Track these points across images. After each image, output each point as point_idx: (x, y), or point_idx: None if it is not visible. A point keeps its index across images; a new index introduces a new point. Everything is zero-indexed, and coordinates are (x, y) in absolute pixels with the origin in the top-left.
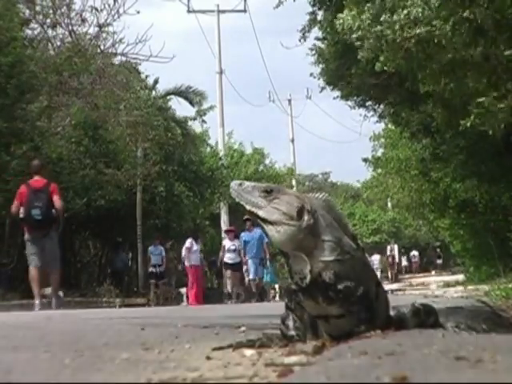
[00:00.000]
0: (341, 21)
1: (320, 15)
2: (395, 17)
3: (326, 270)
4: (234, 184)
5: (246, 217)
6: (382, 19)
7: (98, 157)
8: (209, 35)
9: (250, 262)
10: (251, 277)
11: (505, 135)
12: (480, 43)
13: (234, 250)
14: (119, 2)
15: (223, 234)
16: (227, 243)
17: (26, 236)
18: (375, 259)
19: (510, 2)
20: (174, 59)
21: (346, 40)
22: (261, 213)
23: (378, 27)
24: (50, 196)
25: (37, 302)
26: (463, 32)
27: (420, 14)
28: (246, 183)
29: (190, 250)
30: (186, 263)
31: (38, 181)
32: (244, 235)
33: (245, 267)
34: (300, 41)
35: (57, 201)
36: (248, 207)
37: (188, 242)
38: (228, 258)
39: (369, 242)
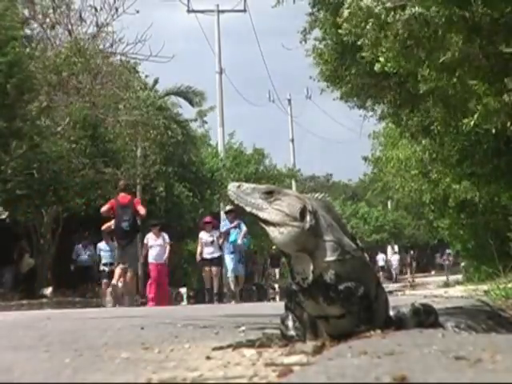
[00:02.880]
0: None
1: (320, 16)
2: None
3: (327, 271)
4: (231, 186)
5: (228, 208)
6: None
7: (98, 156)
8: (209, 35)
9: (228, 257)
10: (229, 274)
11: (506, 134)
12: (476, 41)
13: (212, 243)
14: (119, 2)
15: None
16: (204, 236)
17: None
18: (394, 259)
19: (508, 1)
20: (173, 59)
21: (345, 40)
22: (262, 214)
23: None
24: (134, 209)
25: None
26: (460, 29)
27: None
28: (245, 185)
29: (147, 245)
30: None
31: (124, 197)
32: (225, 226)
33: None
34: (301, 42)
35: (141, 210)
36: (248, 209)
37: (145, 238)
38: (206, 252)
39: (370, 240)
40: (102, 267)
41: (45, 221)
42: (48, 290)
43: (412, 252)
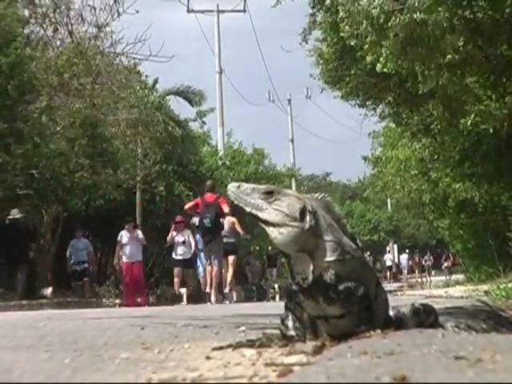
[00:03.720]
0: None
1: (320, 17)
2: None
3: (327, 271)
4: (231, 186)
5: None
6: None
7: (98, 156)
8: (209, 35)
9: (200, 253)
10: (202, 273)
11: (506, 134)
12: (478, 42)
13: (184, 243)
14: (119, 2)
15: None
16: (175, 235)
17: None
18: (403, 258)
19: (510, 2)
20: (173, 59)
21: (346, 41)
22: (262, 215)
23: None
24: (219, 208)
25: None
26: (462, 31)
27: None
28: (245, 185)
29: (121, 243)
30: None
31: (210, 196)
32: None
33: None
34: (301, 44)
35: (225, 208)
36: (248, 209)
37: (119, 235)
38: (177, 253)
39: (366, 239)
40: (73, 266)
41: (45, 221)
42: (48, 291)
43: (418, 251)
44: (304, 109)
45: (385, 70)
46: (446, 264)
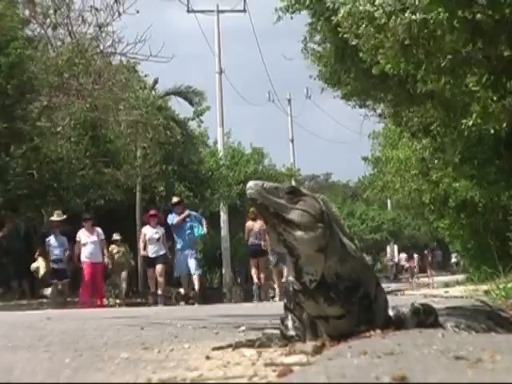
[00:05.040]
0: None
1: (319, 24)
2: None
3: (329, 271)
4: (254, 185)
5: (175, 200)
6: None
7: (98, 156)
8: (208, 35)
9: (180, 254)
10: (193, 272)
11: (506, 134)
12: (479, 42)
13: (158, 240)
14: (120, 2)
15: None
16: (148, 231)
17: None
18: (402, 258)
19: (510, 2)
20: (173, 59)
21: (345, 42)
22: (288, 215)
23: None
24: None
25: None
26: (462, 31)
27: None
28: (268, 184)
29: (79, 242)
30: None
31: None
32: (172, 219)
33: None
34: (302, 51)
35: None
36: (272, 209)
37: (77, 235)
38: (150, 250)
39: (368, 238)
40: (52, 265)
41: (45, 221)
42: (48, 290)
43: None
44: (304, 109)
45: (385, 70)
46: (408, 264)
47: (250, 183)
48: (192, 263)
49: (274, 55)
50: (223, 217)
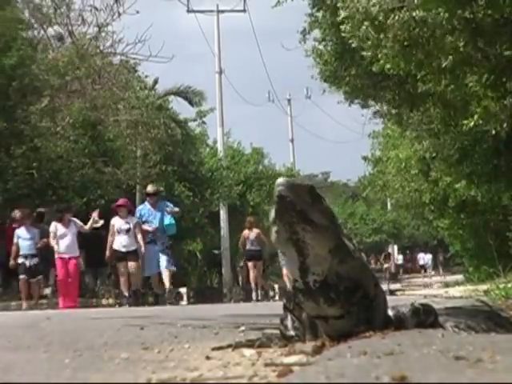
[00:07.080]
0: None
1: (319, 17)
2: None
3: (331, 271)
4: (285, 181)
5: (151, 189)
6: None
7: (97, 156)
8: (208, 35)
9: (151, 249)
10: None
11: (506, 134)
12: (479, 42)
13: (128, 231)
14: (120, 2)
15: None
16: (117, 222)
17: None
18: (427, 258)
19: (509, 2)
20: (173, 59)
21: (345, 40)
22: (310, 215)
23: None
24: None
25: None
26: (462, 31)
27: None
28: (295, 181)
29: (56, 234)
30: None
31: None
32: (143, 210)
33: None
34: (300, 42)
35: None
36: (299, 207)
37: (53, 225)
38: (119, 243)
39: (369, 241)
40: (20, 259)
41: (45, 221)
42: (48, 290)
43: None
44: (304, 109)
45: (385, 69)
46: (386, 265)
47: (281, 180)
48: (163, 259)
49: (274, 55)
50: (223, 217)
